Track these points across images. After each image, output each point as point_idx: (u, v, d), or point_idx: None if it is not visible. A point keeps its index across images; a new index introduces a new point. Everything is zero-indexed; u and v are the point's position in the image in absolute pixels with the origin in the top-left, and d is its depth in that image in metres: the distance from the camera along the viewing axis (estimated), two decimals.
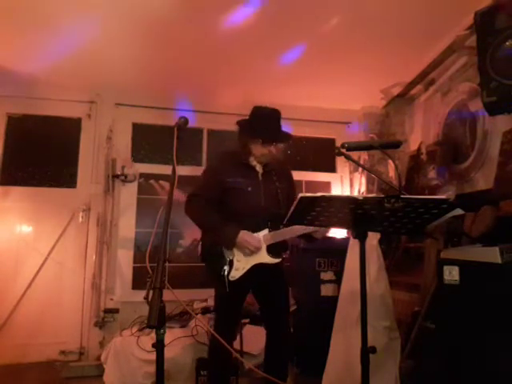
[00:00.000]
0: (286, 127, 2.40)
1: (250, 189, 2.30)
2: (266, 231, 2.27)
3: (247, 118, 2.39)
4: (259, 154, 2.33)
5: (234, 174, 2.31)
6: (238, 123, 2.40)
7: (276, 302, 2.41)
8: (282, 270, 2.44)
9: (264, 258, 2.25)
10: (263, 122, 2.31)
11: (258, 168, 2.38)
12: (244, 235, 2.21)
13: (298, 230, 2.21)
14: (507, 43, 1.97)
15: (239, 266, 2.24)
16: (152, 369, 2.71)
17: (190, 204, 2.32)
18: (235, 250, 2.26)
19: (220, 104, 4.03)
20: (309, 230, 2.20)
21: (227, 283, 2.21)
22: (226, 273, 2.21)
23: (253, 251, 2.22)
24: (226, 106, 3.94)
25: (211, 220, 2.27)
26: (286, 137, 2.39)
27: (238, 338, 2.95)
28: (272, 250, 2.27)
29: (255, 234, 2.26)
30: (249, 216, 2.25)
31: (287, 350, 2.46)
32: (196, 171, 2.47)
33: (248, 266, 2.24)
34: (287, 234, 2.26)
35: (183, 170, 3.71)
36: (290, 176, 2.57)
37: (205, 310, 3.23)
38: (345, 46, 3.16)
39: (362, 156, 3.96)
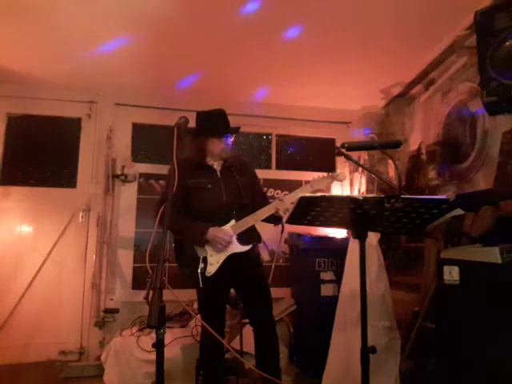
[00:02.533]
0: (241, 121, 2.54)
1: (210, 186, 2.39)
2: (232, 222, 2.35)
3: (194, 125, 2.44)
4: (218, 150, 2.42)
5: (194, 175, 2.40)
6: (191, 131, 2.42)
7: (256, 299, 2.44)
8: (257, 260, 2.50)
9: (235, 247, 2.32)
10: (215, 121, 2.44)
11: (216, 166, 2.48)
12: (213, 231, 2.28)
13: (261, 213, 2.32)
14: (507, 43, 1.97)
15: (213, 260, 2.31)
16: (152, 369, 2.69)
17: (157, 212, 2.35)
18: (207, 247, 2.32)
19: (220, 104, 4.02)
20: (270, 211, 2.31)
21: (205, 280, 2.27)
22: (201, 270, 2.27)
23: (225, 245, 2.29)
24: (226, 105, 3.93)
25: (180, 223, 2.32)
26: (237, 129, 2.51)
27: (238, 337, 2.95)
28: (242, 238, 2.34)
29: (223, 227, 2.34)
30: (214, 212, 2.35)
31: (274, 345, 2.46)
32: None
33: (221, 259, 2.31)
34: (252, 219, 2.34)
35: None
36: (251, 169, 2.64)
37: None
38: (345, 46, 3.16)
39: (362, 156, 3.96)
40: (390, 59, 3.30)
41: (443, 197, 1.49)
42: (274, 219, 2.41)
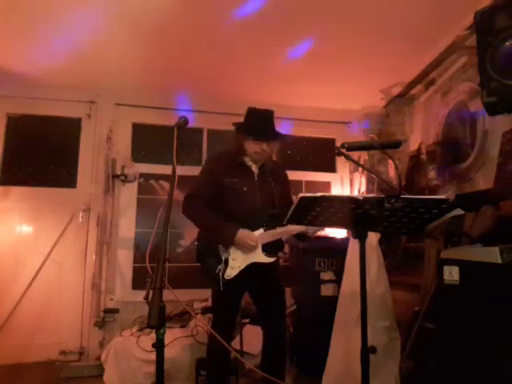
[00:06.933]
0: (280, 128, 2.43)
1: (245, 189, 2.33)
2: (261, 230, 2.29)
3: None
4: (252, 152, 2.35)
5: (230, 174, 2.34)
6: (234, 124, 2.44)
7: (272, 302, 2.41)
8: (277, 270, 2.46)
9: (259, 257, 2.27)
10: (256, 121, 2.35)
11: (254, 168, 2.40)
12: (243, 233, 2.23)
13: (293, 229, 2.25)
14: (507, 43, 1.97)
15: (235, 264, 2.26)
16: (152, 369, 2.69)
17: (188, 205, 2.34)
18: (231, 249, 2.27)
19: (220, 104, 4.03)
20: (302, 228, 2.25)
21: (222, 282, 2.22)
22: (220, 272, 2.23)
23: (252, 249, 2.24)
24: (226, 105, 3.94)
25: (210, 219, 2.29)
26: (278, 135, 2.40)
27: (238, 337, 2.96)
28: (267, 249, 2.29)
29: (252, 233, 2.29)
30: (244, 215, 2.28)
31: (284, 351, 2.46)
32: (196, 171, 2.50)
33: (243, 265, 2.26)
34: (282, 233, 2.29)
35: (183, 170, 3.69)
36: (286, 177, 2.59)
37: (205, 310, 3.23)
38: (345, 46, 3.16)
39: (362, 156, 3.96)
40: (390, 59, 3.30)
41: (443, 197, 1.49)
42: (301, 237, 2.38)
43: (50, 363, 3.52)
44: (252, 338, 2.92)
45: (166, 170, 3.99)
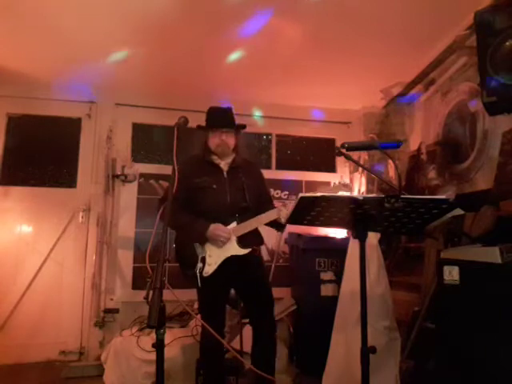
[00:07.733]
0: (241, 121, 2.50)
1: (215, 186, 2.38)
2: (234, 224, 2.34)
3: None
4: (214, 145, 2.42)
5: (200, 174, 2.40)
6: (197, 127, 2.49)
7: (257, 300, 2.43)
8: (260, 266, 2.49)
9: (235, 250, 2.31)
10: (213, 115, 2.45)
11: (223, 165, 2.46)
12: (214, 227, 2.28)
13: (265, 218, 2.30)
14: (507, 43, 1.97)
15: (211, 261, 2.30)
16: (152, 369, 2.71)
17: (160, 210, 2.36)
18: (207, 246, 2.32)
19: (220, 104, 4.03)
20: (272, 216, 2.30)
21: (203, 280, 2.27)
22: (198, 270, 2.27)
23: (224, 241, 2.29)
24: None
25: (181, 218, 2.33)
26: (234, 124, 2.46)
27: (238, 337, 2.96)
28: (242, 241, 2.33)
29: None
30: (216, 212, 2.33)
31: (273, 348, 2.46)
32: None
33: (220, 260, 2.30)
34: (254, 223, 2.33)
35: None
36: (259, 173, 2.63)
37: None
38: (345, 46, 3.16)
39: (362, 156, 3.96)
40: (390, 59, 3.30)
41: (443, 197, 1.49)
42: (277, 225, 2.40)
43: (50, 363, 3.52)
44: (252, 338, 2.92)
45: (166, 170, 3.99)
